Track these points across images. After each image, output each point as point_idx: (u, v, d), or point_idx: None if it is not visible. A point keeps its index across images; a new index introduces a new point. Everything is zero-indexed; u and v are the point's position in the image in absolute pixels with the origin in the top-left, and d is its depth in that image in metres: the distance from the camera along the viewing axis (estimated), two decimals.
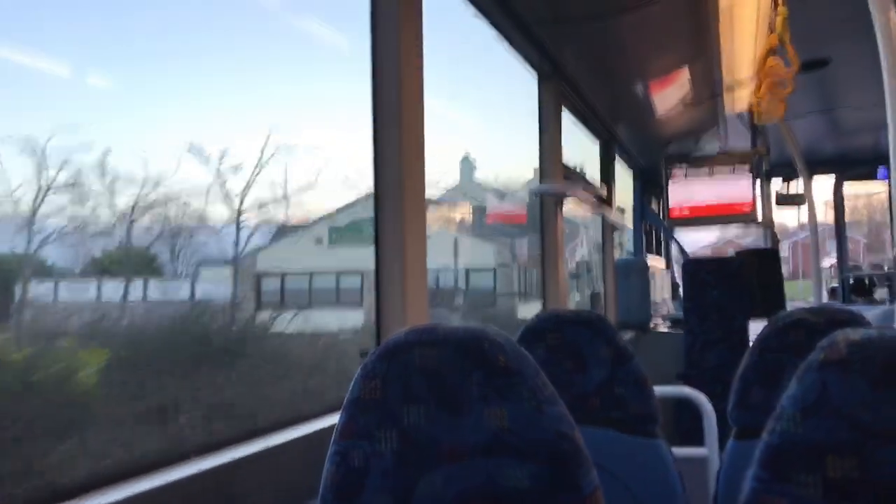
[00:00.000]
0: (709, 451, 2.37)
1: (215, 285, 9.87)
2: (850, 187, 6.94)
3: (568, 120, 3.86)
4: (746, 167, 5.10)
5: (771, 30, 2.83)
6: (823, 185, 6.76)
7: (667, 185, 5.26)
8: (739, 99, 4.42)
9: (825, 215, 7.72)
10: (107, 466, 2.82)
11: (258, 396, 4.40)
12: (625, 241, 6.21)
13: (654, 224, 6.30)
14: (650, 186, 6.14)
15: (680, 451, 2.12)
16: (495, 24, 2.79)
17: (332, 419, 1.54)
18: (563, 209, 3.50)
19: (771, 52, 2.95)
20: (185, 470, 1.26)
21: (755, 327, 4.31)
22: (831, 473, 0.77)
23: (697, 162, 5.22)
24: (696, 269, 4.50)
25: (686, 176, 5.22)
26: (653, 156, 5.51)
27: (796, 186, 6.36)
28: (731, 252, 6.92)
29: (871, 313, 4.81)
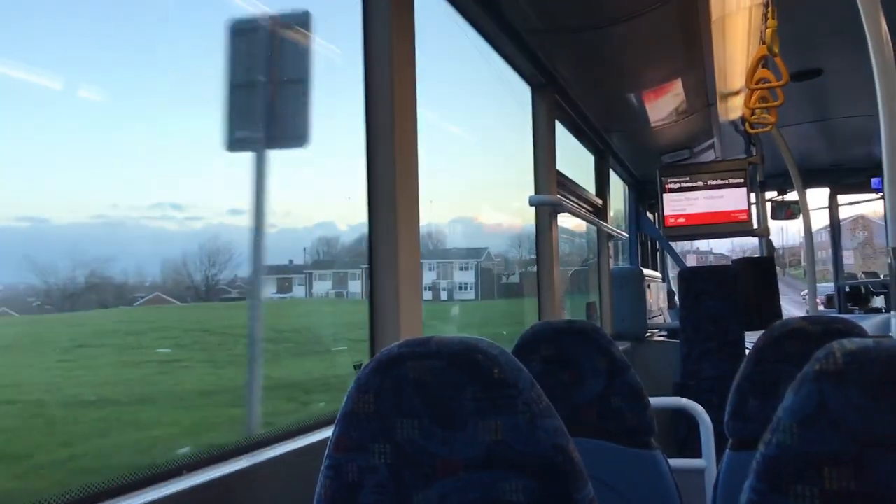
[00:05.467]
0: (706, 462, 2.36)
1: None
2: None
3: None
4: (742, 177, 5.11)
5: (762, 41, 2.84)
6: (819, 196, 6.79)
7: (662, 195, 5.27)
8: (733, 109, 4.44)
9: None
10: None
11: None
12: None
13: (650, 234, 6.31)
14: (645, 197, 6.15)
15: (677, 462, 2.12)
16: (488, 35, 2.80)
17: (326, 433, 1.53)
18: None
19: (762, 63, 2.96)
20: (177, 485, 1.24)
21: (752, 337, 4.31)
22: (828, 485, 0.77)
23: (692, 171, 5.24)
24: (692, 277, 4.50)
25: (681, 186, 5.23)
26: (647, 166, 5.53)
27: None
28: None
29: (867, 322, 4.81)
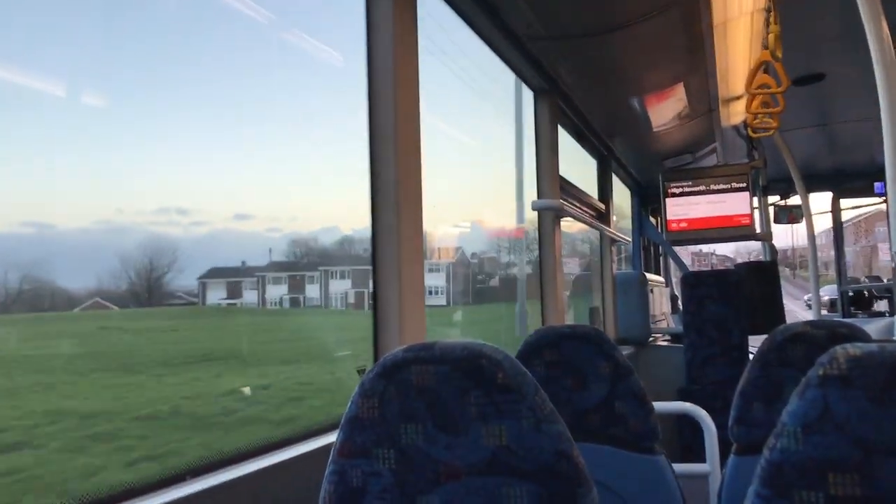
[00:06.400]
0: (710, 467, 2.36)
1: None
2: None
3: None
4: (744, 181, 5.11)
5: (764, 46, 2.85)
6: (821, 201, 6.79)
7: (664, 199, 5.27)
8: (735, 113, 4.44)
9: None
10: None
11: None
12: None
13: (653, 239, 6.30)
14: (648, 201, 6.15)
15: (681, 467, 2.11)
16: (490, 41, 2.81)
17: (330, 437, 1.53)
18: None
19: (763, 67, 2.96)
20: (181, 490, 1.24)
21: (755, 342, 4.31)
22: (833, 490, 0.76)
23: (695, 176, 5.24)
24: (696, 282, 4.50)
25: (683, 190, 5.23)
26: (650, 171, 5.53)
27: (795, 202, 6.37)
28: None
29: (871, 326, 4.80)
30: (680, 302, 5.08)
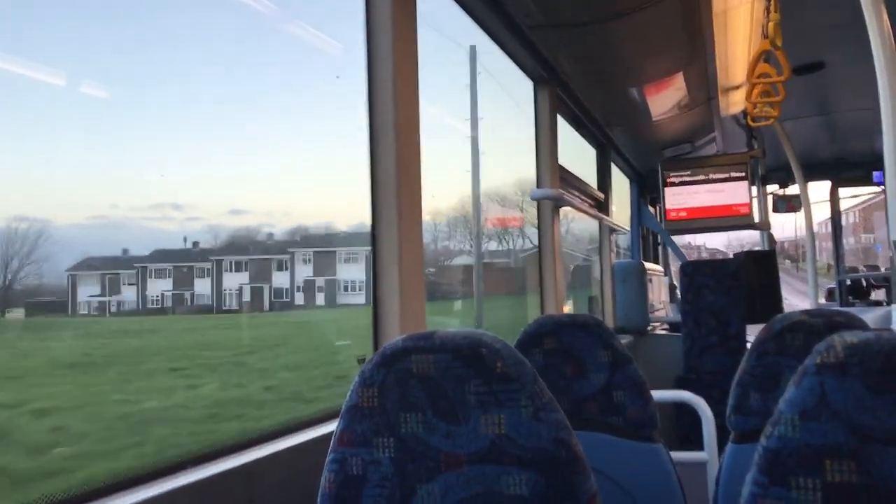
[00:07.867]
0: (708, 455, 2.37)
1: None
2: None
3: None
4: (743, 170, 5.12)
5: (764, 34, 2.84)
6: (820, 190, 6.79)
7: (663, 188, 5.27)
8: (735, 102, 4.44)
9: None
10: None
11: None
12: None
13: (652, 228, 6.31)
14: (647, 191, 6.15)
15: (679, 455, 2.12)
16: (490, 30, 2.80)
17: (330, 426, 1.54)
18: None
19: (763, 57, 2.96)
20: (179, 480, 1.25)
21: (753, 331, 4.32)
22: (830, 477, 0.77)
23: (694, 165, 5.24)
24: (694, 271, 4.51)
25: (682, 180, 5.23)
26: (649, 160, 5.53)
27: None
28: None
29: (868, 315, 4.82)
30: (678, 291, 5.09)
